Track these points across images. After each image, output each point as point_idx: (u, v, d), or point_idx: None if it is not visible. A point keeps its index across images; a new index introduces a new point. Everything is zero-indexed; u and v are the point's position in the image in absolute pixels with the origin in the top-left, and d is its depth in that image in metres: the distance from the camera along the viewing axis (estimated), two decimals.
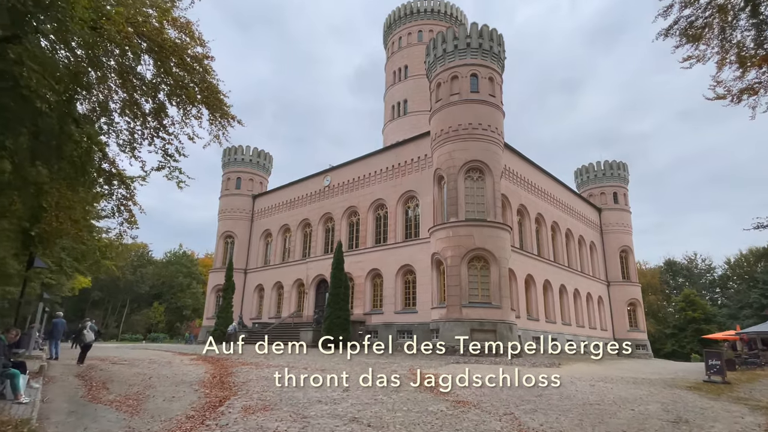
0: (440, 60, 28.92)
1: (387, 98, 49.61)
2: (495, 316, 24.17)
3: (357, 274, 33.70)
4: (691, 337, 55.23)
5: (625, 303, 44.27)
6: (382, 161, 34.65)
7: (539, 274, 33.91)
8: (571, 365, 23.43)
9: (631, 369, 23.61)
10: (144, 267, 73.73)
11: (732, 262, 64.79)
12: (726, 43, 16.37)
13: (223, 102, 13.61)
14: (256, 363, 18.18)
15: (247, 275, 43.99)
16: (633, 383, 15.78)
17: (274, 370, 16.04)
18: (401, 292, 31.15)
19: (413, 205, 32.43)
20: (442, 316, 25.02)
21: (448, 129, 27.53)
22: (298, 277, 38.41)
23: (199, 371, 15.77)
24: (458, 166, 26.72)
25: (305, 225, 40.23)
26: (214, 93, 13.34)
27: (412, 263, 30.58)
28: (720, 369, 16.20)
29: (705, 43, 16.19)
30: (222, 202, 46.08)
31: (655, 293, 65.91)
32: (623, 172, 47.68)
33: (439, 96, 28.68)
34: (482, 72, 27.89)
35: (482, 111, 27.30)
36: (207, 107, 13.28)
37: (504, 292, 24.79)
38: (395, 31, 50.32)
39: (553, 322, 34.33)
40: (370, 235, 34.28)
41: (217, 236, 45.49)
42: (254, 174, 46.70)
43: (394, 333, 29.98)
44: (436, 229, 26.95)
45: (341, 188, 37.39)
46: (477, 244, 25.15)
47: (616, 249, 45.63)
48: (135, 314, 74.88)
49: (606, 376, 17.89)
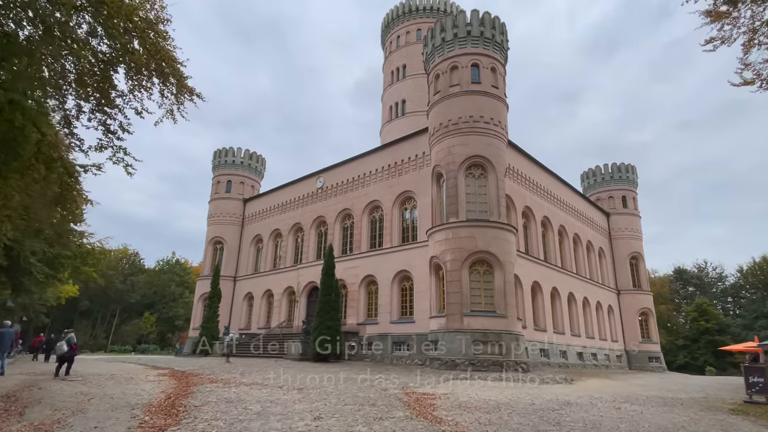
0: (439, 50, 26.96)
1: (385, 99, 47.70)
2: (500, 327, 21.82)
3: (350, 281, 31.41)
4: (705, 349, 52.54)
5: (636, 312, 41.81)
6: (378, 161, 32.55)
7: (546, 281, 31.58)
8: (585, 381, 21.05)
9: (652, 385, 21.21)
10: (135, 275, 71.43)
11: (745, 270, 62.23)
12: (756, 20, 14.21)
13: (179, 71, 11.56)
14: (227, 380, 15.87)
15: (237, 283, 41.69)
16: (663, 405, 13.43)
17: (246, 389, 13.76)
18: (398, 301, 28.83)
19: (410, 206, 30.25)
20: (441, 326, 22.68)
21: (447, 123, 25.45)
22: (289, 284, 36.12)
23: (154, 390, 13.48)
24: (458, 162, 24.58)
25: (297, 229, 38.03)
26: (168, 61, 11.29)
27: (409, 269, 28.31)
28: (764, 387, 13.85)
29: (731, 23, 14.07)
30: (211, 206, 43.96)
31: (665, 303, 63.28)
32: (632, 175, 45.53)
33: (438, 88, 26.65)
34: (484, 62, 25.89)
35: (484, 103, 25.24)
36: (158, 76, 11.20)
37: (509, 300, 22.47)
38: (393, 30, 48.59)
39: (562, 333, 31.90)
40: (365, 239, 32.05)
41: (206, 242, 43.29)
42: (246, 177, 44.64)
43: (390, 344, 27.61)
44: (434, 231, 24.73)
45: (335, 190, 35.26)
46: (479, 246, 22.90)
47: (626, 255, 43.29)
48: (125, 324, 72.38)
49: (629, 395, 15.53)
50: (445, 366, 21.40)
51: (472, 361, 20.94)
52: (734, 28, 13.77)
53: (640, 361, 39.93)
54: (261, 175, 46.75)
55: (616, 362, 38.29)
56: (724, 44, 13.92)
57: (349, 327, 30.09)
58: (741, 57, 14.57)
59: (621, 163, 45.44)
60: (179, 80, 11.56)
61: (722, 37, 13.63)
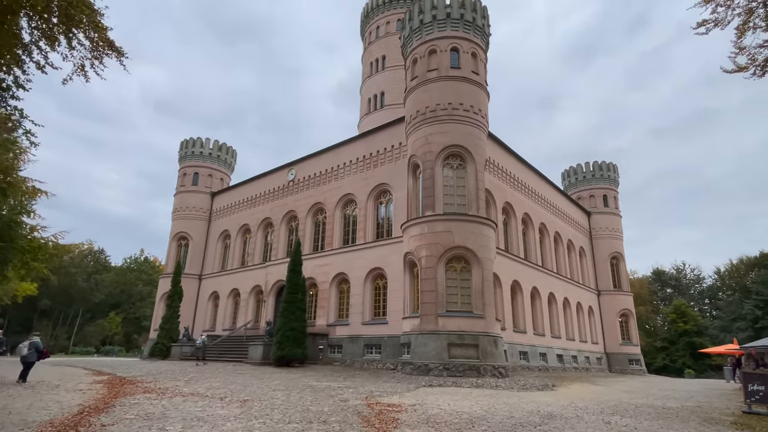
0: (417, 33, 25.29)
1: (363, 91, 45.85)
2: (477, 328, 20.20)
3: (321, 280, 29.48)
4: (683, 351, 52.20)
5: (616, 314, 40.90)
6: (352, 152, 30.70)
7: (527, 280, 30.21)
8: (567, 387, 19.59)
9: (637, 390, 19.87)
10: (99, 273, 67.82)
11: (722, 272, 62.38)
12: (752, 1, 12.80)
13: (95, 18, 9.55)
14: (165, 390, 13.81)
15: (202, 281, 39.28)
16: (656, 417, 11.94)
17: (179, 401, 11.76)
18: (370, 300, 27.02)
19: (386, 200, 28.49)
20: (415, 328, 20.95)
21: (424, 110, 23.77)
22: (257, 283, 33.95)
23: (72, 403, 11.39)
24: (436, 152, 22.92)
25: (267, 225, 35.89)
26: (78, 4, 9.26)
27: (383, 266, 26.53)
28: (765, 396, 12.50)
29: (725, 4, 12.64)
30: (176, 199, 41.42)
31: (644, 304, 62.98)
32: (613, 173, 44.73)
33: (415, 73, 24.98)
34: (464, 46, 24.32)
35: (464, 89, 23.65)
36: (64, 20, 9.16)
37: (488, 299, 20.88)
38: (373, 20, 46.79)
39: (542, 335, 30.57)
40: (338, 234, 30.15)
41: (170, 238, 40.73)
42: (214, 169, 42.23)
43: (361, 347, 25.77)
44: (409, 225, 23.00)
45: (307, 183, 33.27)
46: (457, 242, 21.26)
47: (607, 255, 42.39)
48: (89, 325, 68.69)
49: (616, 405, 14.04)
50: (417, 371, 19.68)
51: (447, 365, 19.28)
52: (728, 9, 12.44)
53: (620, 364, 39.00)
54: (231, 168, 44.39)
55: (597, 364, 37.22)
56: (718, 26, 12.54)
57: (319, 328, 28.18)
58: (735, 41, 13.23)
59: (602, 162, 44.61)
60: (96, 28, 9.55)
61: (716, 20, 12.28)
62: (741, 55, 13.14)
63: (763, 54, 13.18)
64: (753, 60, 13.06)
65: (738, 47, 13.03)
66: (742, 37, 12.69)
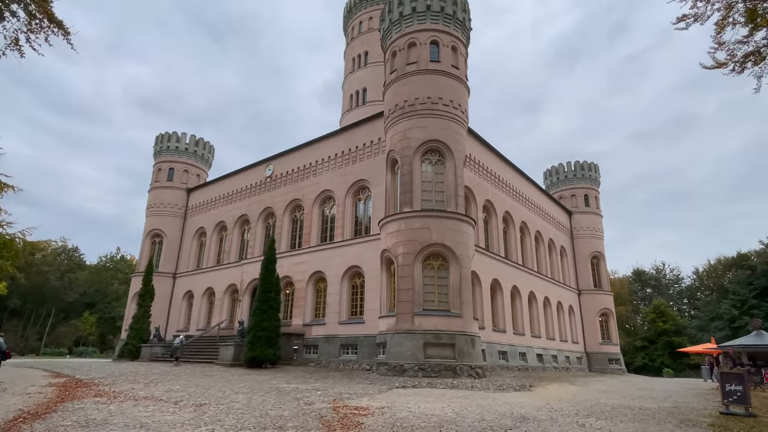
0: (396, 25, 24.71)
1: (345, 87, 45.16)
2: (454, 327, 19.69)
3: (298, 278, 28.69)
4: (662, 350, 52.64)
5: (596, 313, 40.92)
6: (331, 147, 29.97)
7: (507, 279, 29.86)
8: (545, 387, 19.18)
9: (615, 391, 19.57)
10: (73, 272, 65.72)
11: (701, 272, 63.21)
12: None
13: None
14: (117, 393, 12.96)
15: (177, 280, 38.11)
16: (633, 419, 11.53)
17: (129, 406, 10.96)
18: (347, 299, 26.34)
19: (365, 197, 27.84)
20: (390, 327, 20.35)
21: (403, 104, 23.19)
22: (232, 282, 32.98)
23: (11, 407, 10.50)
24: (414, 147, 22.36)
25: (243, 222, 34.92)
26: None
27: (360, 264, 25.88)
28: (743, 396, 12.20)
29: None
30: (150, 195, 40.18)
31: (624, 304, 63.48)
32: (594, 173, 44.81)
33: (394, 66, 24.39)
34: (444, 39, 23.81)
35: (443, 83, 23.14)
36: None
37: (465, 298, 20.39)
38: (355, 15, 46.12)
39: (522, 334, 30.26)
40: (315, 232, 29.40)
41: (143, 235, 39.46)
42: (190, 165, 41.05)
43: (338, 347, 25.08)
44: (386, 222, 22.40)
45: (285, 179, 32.42)
46: (434, 239, 20.72)
47: (587, 255, 42.41)
48: (62, 325, 66.58)
49: (593, 406, 13.63)
50: (393, 371, 19.08)
51: (423, 366, 18.72)
52: (708, 4, 12.15)
53: (600, 363, 39.00)
54: (209, 164, 43.26)
55: (577, 364, 37.13)
56: (697, 22, 12.26)
57: (295, 328, 27.40)
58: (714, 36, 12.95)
59: (584, 162, 44.66)
60: None
61: (695, 15, 12.01)
62: (720, 51, 12.91)
63: (742, 50, 12.94)
64: (732, 56, 12.81)
65: (717, 42, 12.76)
66: (721, 33, 12.41)
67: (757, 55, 12.89)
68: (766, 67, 12.98)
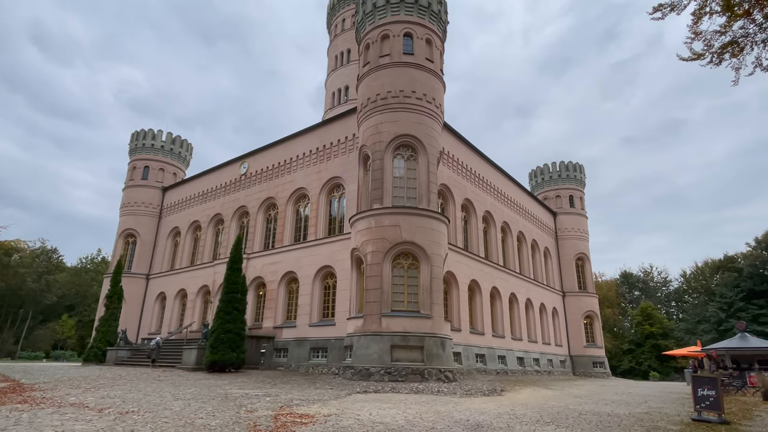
0: (369, 17, 23.93)
1: (328, 85, 44.38)
2: (423, 329, 18.81)
3: (270, 279, 27.71)
4: (649, 353, 52.05)
5: (581, 315, 40.22)
6: (306, 144, 29.08)
7: (486, 280, 29.04)
8: (517, 392, 18.34)
9: (591, 395, 18.78)
10: (51, 274, 64.07)
11: (688, 274, 62.83)
12: None
13: None
14: (45, 399, 11.95)
15: (150, 282, 36.96)
16: (596, 425, 10.71)
17: (47, 413, 9.99)
18: (319, 300, 25.41)
19: (339, 194, 26.96)
20: (358, 329, 19.43)
21: (375, 98, 22.37)
22: (205, 283, 31.92)
23: None
24: (386, 141, 21.53)
25: (217, 221, 33.89)
26: None
27: (333, 264, 24.96)
28: (715, 402, 11.41)
29: None
30: (125, 194, 39.04)
31: (612, 306, 62.94)
32: (579, 174, 44.25)
33: (367, 59, 23.59)
34: (418, 31, 23.04)
35: (416, 76, 22.35)
36: None
37: (436, 298, 19.53)
38: (338, 12, 45.39)
39: (502, 337, 29.43)
40: (289, 231, 28.45)
41: (117, 235, 38.28)
42: (166, 163, 39.97)
43: (308, 351, 24.11)
44: (356, 219, 21.52)
45: (259, 177, 31.46)
46: (404, 237, 19.86)
47: (572, 256, 41.76)
48: (39, 328, 64.80)
49: (559, 412, 12.80)
50: (358, 375, 18.17)
51: (389, 369, 17.82)
52: None
53: (585, 366, 38.28)
54: (186, 163, 42.18)
55: (560, 367, 36.36)
56: (674, 11, 11.67)
57: (265, 331, 26.41)
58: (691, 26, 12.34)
59: (569, 162, 44.08)
60: None
61: (671, 4, 11.41)
62: (697, 41, 12.25)
63: (720, 40, 12.26)
64: (709, 46, 12.16)
65: (694, 33, 12.12)
66: (698, 23, 11.80)
67: (735, 45, 12.22)
68: (744, 59, 12.34)
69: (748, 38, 12.39)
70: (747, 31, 12.32)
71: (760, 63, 12.25)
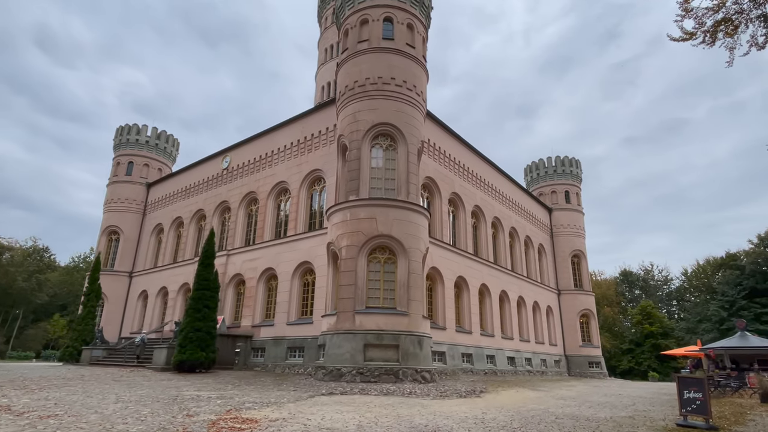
0: (349, 1, 22.93)
1: (318, 78, 43.40)
2: (399, 327, 17.78)
3: (249, 276, 26.76)
4: (649, 353, 50.80)
5: (577, 314, 39.06)
6: (287, 136, 28.12)
7: (475, 277, 27.98)
8: (498, 393, 17.28)
9: (577, 397, 17.70)
10: (43, 273, 63.38)
11: (689, 273, 61.46)
12: None
13: None
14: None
15: (133, 279, 36.09)
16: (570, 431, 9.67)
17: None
18: (298, 298, 24.43)
19: (320, 188, 25.98)
20: (330, 327, 18.43)
21: (353, 85, 21.37)
22: (186, 280, 30.97)
23: None
24: (363, 130, 20.52)
25: (200, 217, 32.98)
26: None
27: (311, 260, 23.99)
28: (702, 406, 10.34)
29: None
30: (108, 190, 38.20)
31: (611, 305, 61.65)
32: (576, 169, 43.10)
33: (346, 45, 22.62)
34: (399, 16, 22.03)
35: (396, 63, 21.33)
36: None
37: (414, 295, 18.49)
38: (328, 4, 44.32)
39: (491, 336, 28.36)
40: (269, 226, 27.49)
41: (100, 232, 37.44)
42: (151, 159, 39.09)
43: (285, 350, 23.13)
44: (332, 212, 20.53)
45: (241, 171, 30.52)
46: (381, 230, 18.84)
47: (568, 253, 40.60)
48: (30, 328, 64.13)
49: (534, 416, 11.76)
50: (330, 376, 17.17)
51: (362, 369, 16.81)
52: None
53: (580, 366, 37.14)
54: (173, 159, 41.30)
55: (554, 367, 35.23)
56: None
57: (244, 330, 25.46)
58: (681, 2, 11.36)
59: (565, 157, 42.94)
60: None
61: None
62: (688, 19, 11.23)
63: (712, 17, 11.23)
64: (701, 24, 11.13)
65: (684, 9, 11.11)
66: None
67: (729, 23, 11.14)
68: (739, 37, 11.25)
69: (742, 15, 11.28)
70: (741, 7, 11.23)
71: (756, 41, 11.13)
